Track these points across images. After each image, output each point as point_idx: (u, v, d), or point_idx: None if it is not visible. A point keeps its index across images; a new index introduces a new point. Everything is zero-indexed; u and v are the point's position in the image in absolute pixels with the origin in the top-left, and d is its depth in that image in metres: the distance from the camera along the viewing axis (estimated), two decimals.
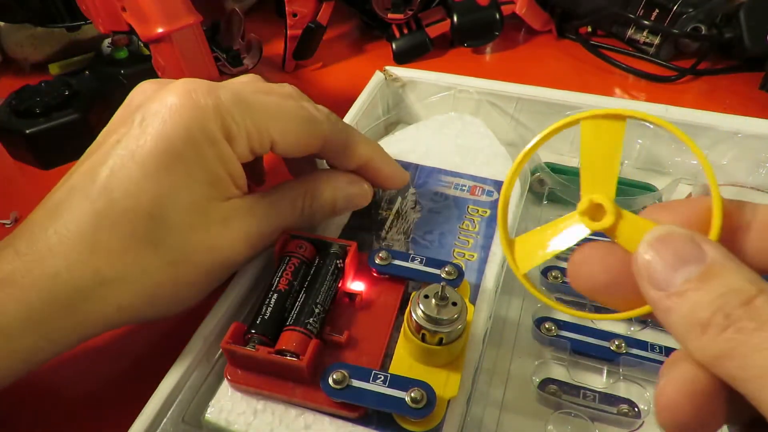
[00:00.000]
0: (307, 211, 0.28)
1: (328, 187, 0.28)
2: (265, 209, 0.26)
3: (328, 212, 0.28)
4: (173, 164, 0.22)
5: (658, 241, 0.15)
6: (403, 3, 0.57)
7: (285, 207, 0.27)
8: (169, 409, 0.23)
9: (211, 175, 0.23)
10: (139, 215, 0.22)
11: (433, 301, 0.22)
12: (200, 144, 0.23)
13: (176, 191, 0.22)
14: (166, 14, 0.36)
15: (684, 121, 0.38)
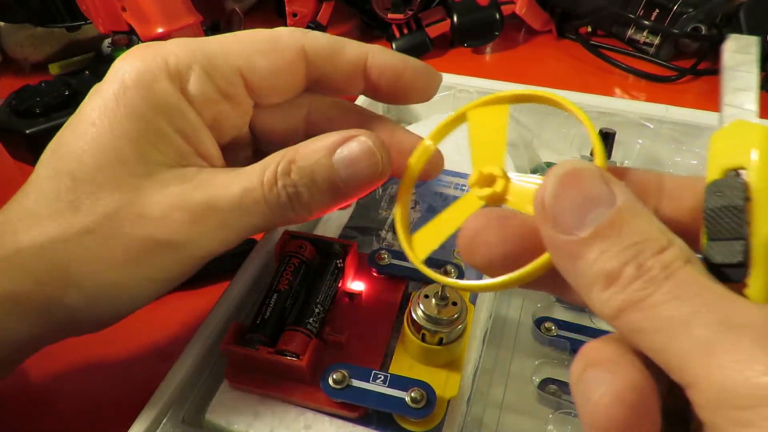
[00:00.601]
0: (287, 183, 0.19)
1: (314, 146, 0.20)
2: (224, 176, 0.20)
3: (321, 187, 0.20)
4: (101, 117, 0.19)
5: (566, 177, 0.13)
6: (403, 3, 0.57)
7: (252, 175, 0.20)
8: (169, 409, 0.23)
9: (147, 130, 0.19)
10: (63, 174, 0.19)
11: (433, 301, 0.22)
12: (133, 92, 0.19)
13: (100, 147, 0.19)
14: (166, 14, 0.36)
15: (684, 121, 0.38)
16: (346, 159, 0.20)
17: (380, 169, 0.20)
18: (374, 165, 0.20)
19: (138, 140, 0.19)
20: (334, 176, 0.20)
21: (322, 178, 0.20)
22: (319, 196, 0.20)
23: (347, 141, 0.20)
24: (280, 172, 0.19)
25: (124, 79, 0.19)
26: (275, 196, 0.20)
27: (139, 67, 0.19)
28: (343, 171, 0.20)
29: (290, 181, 0.19)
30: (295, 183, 0.20)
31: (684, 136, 0.38)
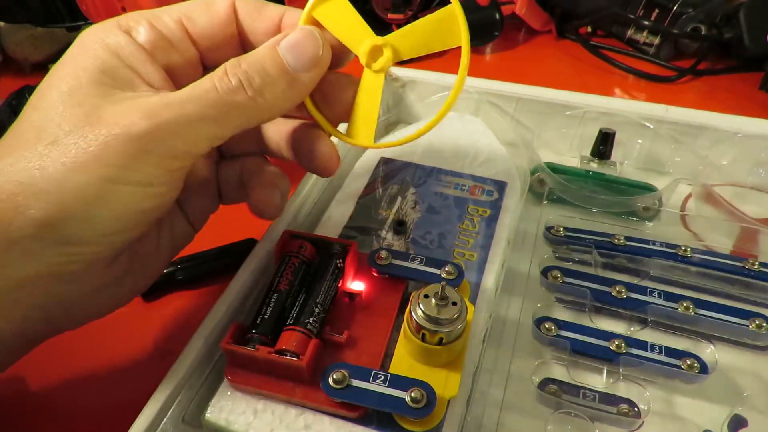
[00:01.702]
0: (238, 72, 0.21)
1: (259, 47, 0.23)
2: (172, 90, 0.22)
3: (271, 72, 0.22)
4: (63, 63, 0.22)
5: None
6: (403, 3, 0.57)
7: (203, 80, 0.21)
8: (169, 409, 0.23)
9: (100, 62, 0.21)
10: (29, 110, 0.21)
11: (433, 301, 0.22)
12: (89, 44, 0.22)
13: (59, 79, 0.21)
14: None
15: (684, 121, 0.38)
16: (289, 44, 0.22)
17: (321, 46, 0.23)
18: (315, 43, 0.23)
19: (94, 72, 0.21)
20: (281, 61, 0.22)
21: (270, 65, 0.22)
22: (270, 80, 0.22)
23: (287, 34, 0.23)
24: (230, 67, 0.21)
25: (82, 37, 0.22)
26: (226, 83, 0.21)
27: (95, 28, 0.22)
28: (288, 55, 0.22)
29: (240, 70, 0.21)
30: (245, 71, 0.21)
31: (684, 136, 0.38)
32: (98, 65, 0.21)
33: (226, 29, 0.24)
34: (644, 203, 0.35)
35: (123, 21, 0.22)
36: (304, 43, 0.22)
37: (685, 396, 0.27)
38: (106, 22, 0.22)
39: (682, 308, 0.28)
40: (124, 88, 0.21)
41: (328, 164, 0.26)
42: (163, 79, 0.23)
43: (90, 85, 0.21)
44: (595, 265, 0.32)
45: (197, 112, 0.20)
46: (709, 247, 0.33)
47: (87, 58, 0.21)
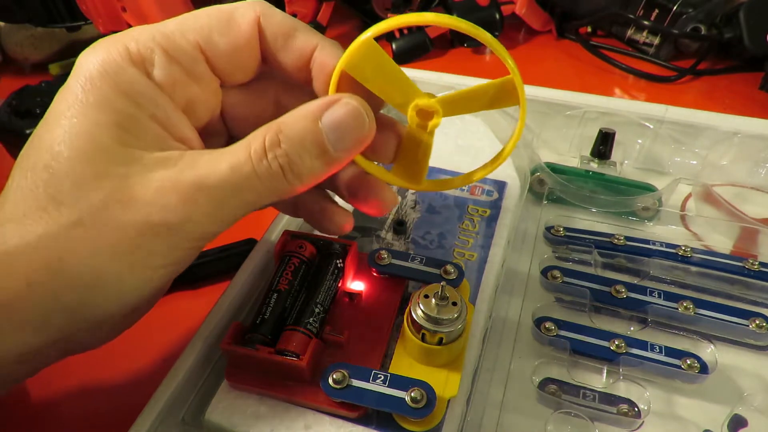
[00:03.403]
0: (278, 153, 0.19)
1: (299, 114, 0.20)
2: (210, 157, 0.19)
3: (312, 153, 0.20)
4: (71, 109, 0.19)
5: None
6: (403, 3, 0.57)
7: (238, 151, 0.19)
8: (169, 409, 0.23)
9: (120, 118, 0.19)
10: (38, 169, 0.19)
11: (433, 301, 0.22)
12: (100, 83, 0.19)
13: (75, 138, 0.18)
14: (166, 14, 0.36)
15: (684, 121, 0.38)
16: (333, 122, 0.20)
17: (367, 127, 0.20)
18: (361, 124, 0.20)
19: (112, 128, 0.19)
20: (323, 140, 0.20)
21: (311, 144, 0.20)
22: (310, 163, 0.20)
23: (331, 105, 0.20)
24: (269, 144, 0.19)
25: (90, 71, 0.19)
26: (266, 167, 0.19)
27: (103, 57, 0.19)
28: (331, 134, 0.20)
29: (280, 151, 0.19)
30: (285, 152, 0.19)
31: (684, 136, 0.38)
32: (117, 120, 0.19)
33: (249, 52, 0.22)
34: (644, 203, 0.35)
35: (132, 47, 0.19)
36: (350, 123, 0.20)
37: (685, 396, 0.27)
38: (112, 45, 0.19)
39: (682, 308, 0.28)
40: (150, 147, 0.19)
41: (390, 209, 0.25)
42: (189, 128, 0.21)
43: (112, 149, 0.18)
44: (595, 265, 0.32)
45: (234, 197, 0.19)
46: (709, 247, 0.33)
47: (101, 108, 0.19)
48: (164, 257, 0.20)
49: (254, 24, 0.21)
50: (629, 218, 0.36)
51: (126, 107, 0.19)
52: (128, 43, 0.19)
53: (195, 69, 0.21)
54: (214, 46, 0.21)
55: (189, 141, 0.21)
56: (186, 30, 0.20)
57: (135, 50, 0.19)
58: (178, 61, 0.20)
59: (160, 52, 0.20)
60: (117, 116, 0.19)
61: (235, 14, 0.21)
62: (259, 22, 0.21)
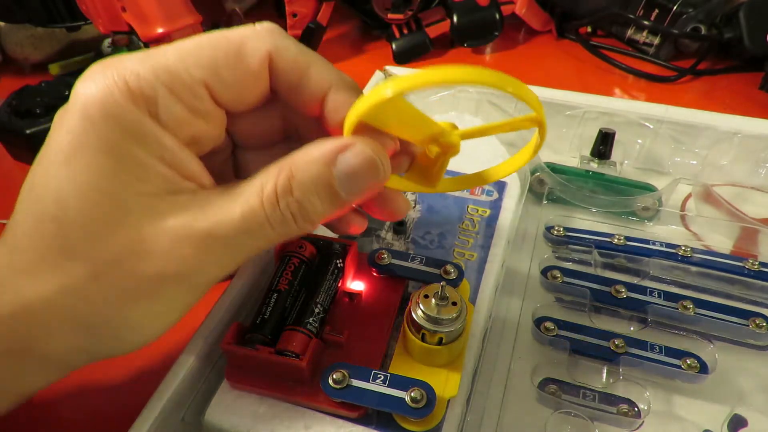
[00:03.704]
0: (290, 201, 0.19)
1: (311, 157, 0.19)
2: (221, 200, 0.19)
3: (324, 199, 0.19)
4: (74, 156, 0.18)
5: None
6: (403, 3, 0.57)
7: (250, 195, 0.19)
8: (168, 410, 0.23)
9: (127, 163, 0.18)
10: (44, 222, 0.18)
11: (433, 301, 0.22)
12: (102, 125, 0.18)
13: (79, 186, 0.18)
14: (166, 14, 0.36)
15: (684, 121, 0.38)
16: (346, 170, 0.19)
17: (381, 175, 0.20)
18: (375, 173, 0.20)
19: (119, 174, 0.18)
20: (336, 188, 0.19)
21: (324, 191, 0.19)
22: (321, 208, 0.19)
23: (345, 150, 0.19)
24: (281, 191, 0.19)
25: (89, 111, 0.18)
26: (279, 216, 0.19)
27: (102, 95, 0.18)
28: (344, 181, 0.19)
29: (292, 198, 0.19)
30: (297, 199, 0.19)
31: (684, 136, 0.38)
32: (124, 166, 0.18)
33: (258, 88, 0.21)
34: (644, 203, 0.35)
35: (133, 83, 0.18)
36: (364, 173, 0.19)
37: (685, 396, 0.27)
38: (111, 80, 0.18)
39: (682, 308, 0.28)
40: (160, 190, 0.19)
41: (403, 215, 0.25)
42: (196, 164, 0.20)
43: (121, 197, 0.18)
44: (595, 265, 0.32)
45: (247, 244, 0.19)
46: (709, 247, 0.33)
47: (106, 153, 0.18)
48: (178, 302, 0.20)
49: (265, 60, 0.20)
50: (629, 218, 0.36)
51: (132, 150, 0.18)
52: (128, 77, 0.18)
53: (200, 106, 0.20)
54: (220, 83, 0.19)
55: (197, 177, 0.20)
56: (190, 65, 0.19)
57: (136, 87, 0.18)
58: (182, 100, 0.19)
59: (163, 90, 0.18)
60: (124, 161, 0.18)
61: (245, 48, 0.20)
62: (271, 58, 0.20)
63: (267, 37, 0.20)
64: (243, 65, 0.19)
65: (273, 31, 0.20)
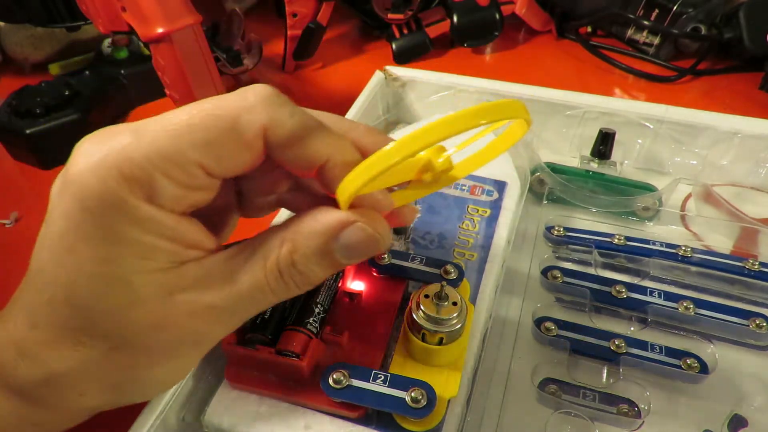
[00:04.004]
0: (293, 273, 0.20)
1: (311, 230, 0.20)
2: (227, 272, 0.20)
3: (324, 267, 0.21)
4: (77, 245, 0.18)
5: None
6: (403, 3, 0.57)
7: (254, 266, 0.20)
8: (169, 409, 0.23)
9: (132, 248, 0.19)
10: (58, 305, 0.19)
11: (434, 301, 0.22)
12: (100, 214, 0.18)
13: (87, 274, 0.19)
14: (166, 14, 0.36)
15: (684, 121, 0.38)
16: (347, 245, 0.20)
17: (382, 246, 0.21)
18: (376, 246, 0.20)
19: (124, 258, 0.19)
20: (336, 260, 0.20)
21: (325, 261, 0.20)
22: (323, 274, 0.21)
23: (346, 227, 0.20)
24: (284, 265, 0.20)
25: (86, 202, 0.18)
26: (282, 286, 0.20)
27: (99, 185, 0.18)
28: (346, 253, 0.20)
29: (295, 271, 0.20)
30: (299, 271, 0.20)
31: (684, 136, 0.38)
32: (130, 250, 0.19)
33: (252, 158, 0.20)
34: (644, 203, 0.35)
35: (127, 169, 0.18)
36: (365, 247, 0.20)
37: (685, 396, 0.27)
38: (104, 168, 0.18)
39: (682, 308, 0.28)
40: (166, 265, 0.19)
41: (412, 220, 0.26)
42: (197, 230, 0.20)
43: (130, 281, 0.19)
44: (595, 265, 0.32)
45: (252, 310, 0.21)
46: (709, 247, 0.33)
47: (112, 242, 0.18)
48: (194, 358, 0.22)
49: (260, 134, 0.20)
50: (629, 218, 0.36)
51: (132, 234, 0.18)
52: (122, 165, 0.18)
53: (194, 183, 0.20)
54: (214, 161, 0.19)
55: (200, 244, 0.20)
56: (183, 147, 0.19)
57: (131, 175, 0.18)
58: (177, 181, 0.19)
59: (158, 175, 0.18)
60: (126, 245, 0.19)
61: (239, 125, 0.19)
62: (265, 131, 0.20)
63: (262, 111, 0.20)
64: (237, 143, 0.19)
65: (267, 101, 0.20)
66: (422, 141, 0.17)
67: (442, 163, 0.21)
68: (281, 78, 0.58)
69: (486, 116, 0.17)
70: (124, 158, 0.18)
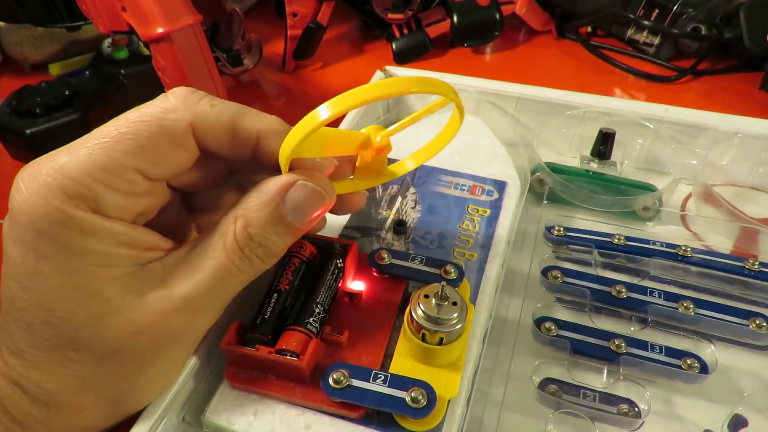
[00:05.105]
0: (252, 246, 0.21)
1: (259, 202, 0.21)
2: (190, 262, 0.21)
3: (281, 234, 0.21)
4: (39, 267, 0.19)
5: None
6: (403, 3, 0.57)
7: (216, 250, 0.21)
8: (169, 409, 0.23)
9: (87, 257, 0.19)
10: (38, 328, 0.20)
11: (434, 301, 0.22)
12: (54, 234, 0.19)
13: (57, 291, 0.19)
14: (166, 14, 0.36)
15: (684, 121, 0.38)
16: (294, 205, 0.21)
17: (327, 199, 0.22)
18: (321, 199, 0.22)
19: (89, 268, 0.19)
20: (288, 221, 0.21)
21: (280, 228, 0.21)
22: (282, 242, 0.22)
23: (288, 188, 0.21)
24: (241, 240, 0.21)
25: (37, 225, 0.19)
26: (246, 261, 0.21)
27: (44, 208, 0.19)
28: (296, 214, 0.21)
29: (254, 244, 0.21)
30: (258, 243, 0.21)
31: (684, 136, 0.38)
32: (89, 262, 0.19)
33: (187, 155, 0.21)
34: (644, 203, 0.35)
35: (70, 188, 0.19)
36: (311, 202, 0.21)
37: (685, 396, 0.27)
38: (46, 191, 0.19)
39: (682, 308, 0.28)
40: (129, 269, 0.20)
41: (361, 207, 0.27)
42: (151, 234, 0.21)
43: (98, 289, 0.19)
44: (595, 265, 0.32)
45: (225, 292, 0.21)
46: (709, 247, 0.33)
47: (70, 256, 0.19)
48: (179, 358, 0.23)
49: (188, 131, 0.21)
50: (629, 218, 0.36)
51: (89, 246, 0.19)
52: (62, 183, 0.19)
53: (136, 189, 0.20)
54: (150, 164, 0.20)
55: (158, 245, 0.21)
56: (118, 156, 0.20)
57: (73, 190, 0.19)
58: (119, 190, 0.20)
59: (99, 186, 0.19)
60: (85, 257, 0.19)
61: (166, 124, 0.20)
62: (193, 127, 0.21)
63: (184, 109, 0.21)
64: (168, 143, 0.21)
65: (187, 99, 0.21)
66: (350, 101, 0.19)
67: (380, 141, 0.23)
68: (281, 78, 0.58)
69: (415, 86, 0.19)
70: (64, 177, 0.19)
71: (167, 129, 0.20)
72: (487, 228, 0.31)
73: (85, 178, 0.19)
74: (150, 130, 0.20)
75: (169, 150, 0.21)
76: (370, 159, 0.24)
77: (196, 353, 0.24)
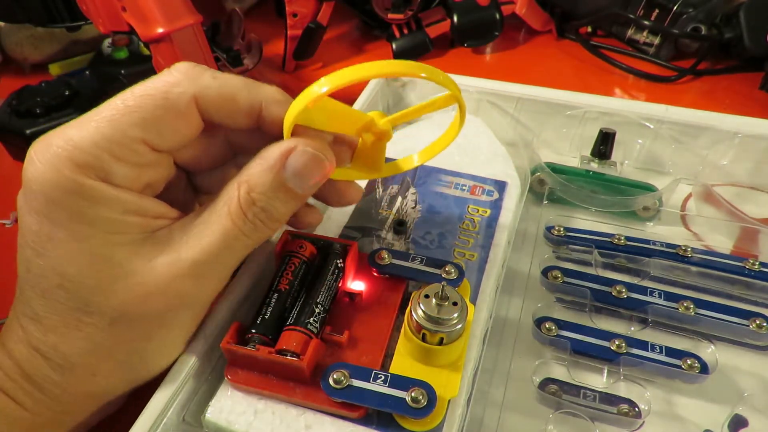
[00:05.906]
0: (255, 211, 0.22)
1: (262, 167, 0.22)
2: (196, 228, 0.22)
3: (284, 199, 0.22)
4: (53, 234, 0.20)
5: None
6: (403, 3, 0.57)
7: (220, 215, 0.21)
8: (169, 409, 0.23)
9: (97, 224, 0.20)
10: (53, 292, 0.20)
11: (434, 301, 0.22)
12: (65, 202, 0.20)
13: (70, 256, 0.20)
14: (166, 14, 0.36)
15: (684, 121, 0.38)
16: (295, 170, 0.22)
17: (327, 165, 0.22)
18: (321, 165, 0.22)
19: (100, 236, 0.20)
20: (290, 187, 0.22)
21: (282, 193, 0.22)
22: (285, 208, 0.22)
23: (290, 153, 0.22)
24: (244, 204, 0.21)
25: (49, 194, 0.20)
26: (250, 226, 0.22)
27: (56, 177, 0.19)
28: (297, 180, 0.22)
29: (256, 208, 0.22)
30: (261, 208, 0.22)
31: (684, 136, 0.38)
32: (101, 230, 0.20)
33: (192, 128, 0.22)
34: (644, 203, 0.35)
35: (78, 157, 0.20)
36: (311, 168, 0.22)
37: (685, 396, 0.27)
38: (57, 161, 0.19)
39: (683, 308, 0.28)
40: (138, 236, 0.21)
41: (357, 201, 0.27)
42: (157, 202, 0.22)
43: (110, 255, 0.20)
44: (595, 265, 0.32)
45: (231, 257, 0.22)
46: (709, 247, 0.33)
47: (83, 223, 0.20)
48: (188, 323, 0.24)
49: (191, 103, 0.22)
50: (629, 218, 0.36)
51: (99, 213, 0.20)
52: (72, 153, 0.19)
53: (143, 160, 0.21)
54: (155, 135, 0.21)
55: (165, 214, 0.22)
56: (124, 128, 0.20)
57: (82, 161, 0.20)
58: (126, 160, 0.21)
59: (107, 156, 0.20)
60: (95, 224, 0.20)
61: (170, 97, 0.21)
62: (196, 99, 0.22)
63: (187, 82, 0.21)
64: (173, 115, 0.21)
65: (190, 72, 0.22)
66: (356, 74, 0.19)
67: (383, 125, 0.23)
68: (281, 78, 0.58)
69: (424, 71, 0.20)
70: (73, 148, 0.20)
71: (171, 102, 0.21)
72: (487, 228, 0.31)
73: (93, 149, 0.20)
74: (155, 103, 0.21)
75: (173, 122, 0.21)
76: (369, 144, 0.24)
77: (196, 353, 0.24)
